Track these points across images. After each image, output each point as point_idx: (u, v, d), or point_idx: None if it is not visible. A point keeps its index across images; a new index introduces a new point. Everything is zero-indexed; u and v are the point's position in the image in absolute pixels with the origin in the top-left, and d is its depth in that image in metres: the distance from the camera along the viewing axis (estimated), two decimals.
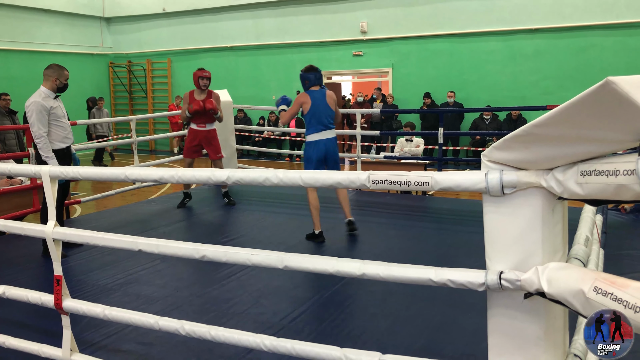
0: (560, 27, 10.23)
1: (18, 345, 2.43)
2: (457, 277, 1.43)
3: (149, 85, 15.33)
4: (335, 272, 1.62)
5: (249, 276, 3.85)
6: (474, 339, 2.86)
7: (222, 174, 1.75)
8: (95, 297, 3.46)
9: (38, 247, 4.43)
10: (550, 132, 1.18)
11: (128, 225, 5.29)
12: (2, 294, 2.40)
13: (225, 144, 7.68)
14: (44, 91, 4.23)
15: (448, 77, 11.34)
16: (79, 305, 2.23)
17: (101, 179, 2.08)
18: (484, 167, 1.38)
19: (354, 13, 12.16)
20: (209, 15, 14.08)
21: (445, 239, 4.77)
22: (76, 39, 14.75)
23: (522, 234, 1.34)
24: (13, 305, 2.92)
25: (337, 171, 1.64)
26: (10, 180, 5.47)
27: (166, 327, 2.03)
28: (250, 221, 5.55)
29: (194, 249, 1.86)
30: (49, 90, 4.25)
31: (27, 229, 2.26)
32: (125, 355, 2.75)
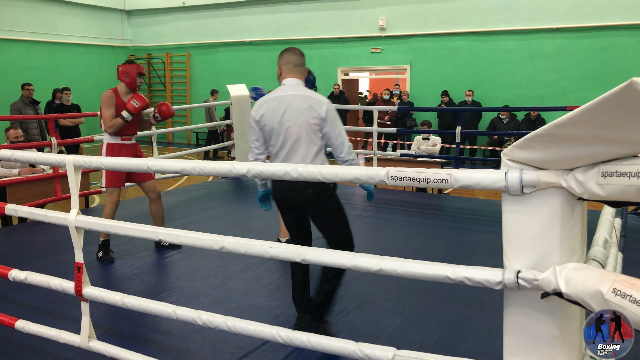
0: (582, 26, 10.08)
1: (37, 330, 2.48)
2: (474, 275, 1.44)
3: (167, 78, 15.45)
4: (352, 267, 1.63)
5: (264, 269, 3.89)
6: (488, 338, 2.87)
7: (242, 166, 1.78)
8: (113, 286, 3.51)
9: (60, 234, 4.50)
10: (571, 132, 1.18)
11: (146, 216, 5.35)
12: (24, 280, 2.45)
13: (243, 138, 7.74)
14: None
15: (466, 75, 11.26)
16: (98, 293, 2.27)
17: (124, 170, 2.12)
18: (503, 165, 1.38)
19: (373, 9, 12.12)
20: (228, 10, 14.13)
21: (460, 237, 4.76)
22: (97, 31, 14.91)
23: (541, 233, 1.34)
24: (32, 291, 2.99)
25: (355, 167, 1.65)
26: (32, 169, 5.57)
27: (183, 317, 2.06)
28: (265, 215, 5.58)
29: (213, 240, 1.89)
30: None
31: (51, 216, 2.31)
32: (141, 343, 2.80)
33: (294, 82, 2.83)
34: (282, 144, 2.74)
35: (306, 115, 2.70)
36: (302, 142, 2.72)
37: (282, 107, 2.72)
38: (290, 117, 2.70)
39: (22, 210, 2.47)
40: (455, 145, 6.85)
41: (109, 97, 4.09)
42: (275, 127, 2.72)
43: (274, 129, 2.73)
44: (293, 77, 2.83)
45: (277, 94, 2.79)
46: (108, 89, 4.16)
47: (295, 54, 2.86)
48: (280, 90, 2.81)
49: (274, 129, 2.74)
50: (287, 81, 2.82)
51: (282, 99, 2.75)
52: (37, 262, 3.99)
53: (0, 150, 2.48)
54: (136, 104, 4.09)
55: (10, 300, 3.33)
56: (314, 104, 2.72)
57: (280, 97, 2.76)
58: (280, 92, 2.79)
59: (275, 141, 2.75)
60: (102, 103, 4.09)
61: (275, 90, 2.83)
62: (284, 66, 2.86)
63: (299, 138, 2.71)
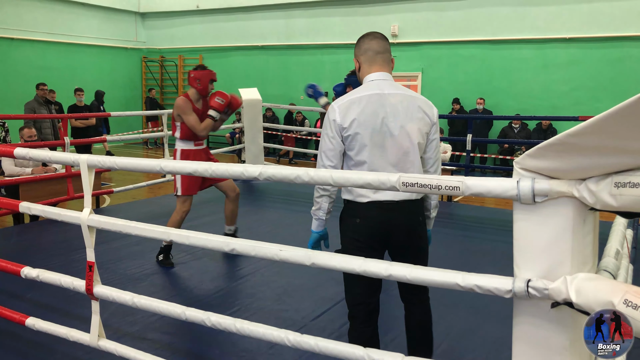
0: (596, 36, 10.03)
1: (47, 328, 2.50)
2: (484, 283, 1.43)
3: (180, 81, 15.56)
4: (362, 272, 1.63)
5: (272, 273, 3.89)
6: (495, 348, 2.85)
7: (254, 169, 1.79)
8: (122, 286, 3.53)
9: (71, 233, 4.54)
10: (585, 142, 1.18)
11: (156, 217, 5.39)
12: (36, 277, 2.48)
13: (254, 142, 7.77)
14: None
15: (478, 83, 11.24)
16: (109, 292, 2.29)
17: (136, 170, 2.14)
18: (515, 174, 1.38)
19: (386, 16, 12.14)
20: (241, 14, 14.22)
21: (470, 246, 4.74)
22: (111, 32, 15.07)
23: (552, 243, 1.34)
24: (42, 288, 3.02)
25: (368, 172, 1.65)
26: (45, 168, 5.63)
27: (192, 318, 2.07)
28: (275, 219, 5.60)
29: (224, 242, 1.90)
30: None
31: (64, 215, 2.34)
32: (150, 343, 2.81)
33: (384, 76, 2.14)
34: (384, 158, 2.06)
35: (418, 122, 2.09)
36: (412, 157, 2.09)
37: (383, 109, 2.06)
38: (397, 122, 2.05)
39: (35, 208, 2.49)
40: (466, 153, 6.83)
41: (187, 103, 3.98)
42: (374, 136, 2.05)
43: (372, 138, 2.05)
44: (380, 70, 2.15)
45: (366, 92, 2.10)
46: (180, 96, 4.06)
47: (375, 39, 2.18)
48: (369, 88, 2.12)
49: (372, 139, 2.05)
50: (373, 76, 2.15)
51: (381, 99, 2.07)
52: (49, 260, 4.03)
53: (16, 149, 2.51)
54: (221, 100, 4.01)
55: (21, 298, 3.37)
56: (423, 105, 2.12)
57: (375, 96, 2.08)
58: (369, 89, 2.11)
59: (369, 154, 2.06)
60: (180, 110, 3.95)
61: (361, 89, 2.14)
62: (362, 56, 2.18)
63: (408, 152, 2.07)
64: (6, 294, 3.41)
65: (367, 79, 2.16)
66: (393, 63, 2.22)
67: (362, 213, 2.09)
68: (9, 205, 2.85)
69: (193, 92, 4.08)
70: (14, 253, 4.30)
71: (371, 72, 2.16)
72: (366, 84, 2.15)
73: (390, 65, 2.19)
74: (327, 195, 2.17)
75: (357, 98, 2.09)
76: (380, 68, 2.15)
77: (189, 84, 4.11)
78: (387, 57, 2.18)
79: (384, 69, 2.16)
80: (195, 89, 4.07)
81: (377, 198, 2.06)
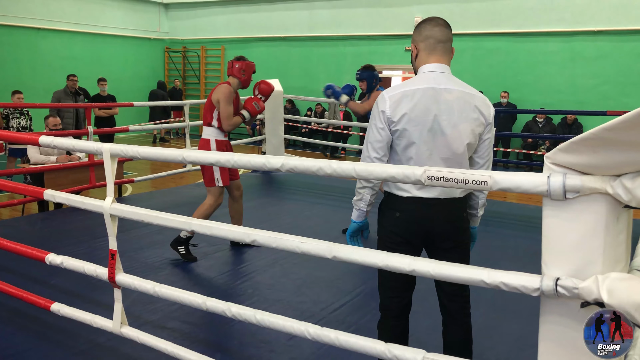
0: (626, 29, 9.76)
1: (72, 314, 2.53)
2: (510, 280, 1.40)
3: (202, 72, 15.64)
4: (385, 267, 1.61)
5: (292, 264, 3.89)
6: (517, 346, 2.81)
7: (276, 160, 1.77)
8: (144, 274, 3.57)
9: (94, 220, 4.59)
10: (621, 137, 1.13)
11: (177, 206, 5.42)
12: (60, 264, 2.51)
13: (274, 133, 7.78)
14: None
15: (502, 76, 11.05)
16: (130, 280, 2.30)
17: (159, 160, 2.14)
18: (546, 169, 1.34)
19: (409, 7, 12.00)
20: (264, 5, 14.21)
21: (492, 241, 4.67)
22: (135, 23, 15.20)
23: (583, 240, 1.30)
24: (65, 275, 3.06)
25: (392, 165, 1.62)
26: (69, 157, 5.71)
27: (213, 308, 2.07)
28: (295, 211, 5.59)
29: (245, 232, 1.89)
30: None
31: (87, 203, 2.35)
32: (170, 332, 2.84)
33: (442, 68, 2.00)
34: (432, 157, 1.95)
35: (472, 122, 1.95)
36: (461, 157, 1.97)
37: (437, 106, 1.92)
38: (450, 121, 1.92)
39: (59, 196, 2.52)
40: None
41: (231, 93, 3.89)
42: (423, 134, 1.93)
43: (421, 136, 1.93)
44: (438, 61, 2.01)
45: (421, 84, 1.96)
46: (224, 83, 3.96)
47: (438, 25, 2.03)
48: (424, 80, 1.97)
49: (421, 137, 1.93)
50: (430, 67, 2.00)
51: (435, 95, 1.93)
52: (72, 247, 4.09)
53: (41, 137, 2.54)
54: (257, 107, 4.00)
55: (46, 284, 3.42)
56: (480, 104, 1.97)
57: (430, 90, 1.94)
58: (423, 82, 1.96)
59: (417, 152, 1.95)
60: (223, 98, 3.84)
61: (416, 80, 2.00)
62: (422, 43, 2.03)
63: (456, 152, 1.95)
64: (31, 279, 3.47)
65: (422, 69, 2.02)
66: (453, 53, 2.07)
67: (403, 207, 2.01)
68: (34, 192, 2.88)
69: (236, 82, 3.98)
70: (39, 239, 4.38)
71: (429, 62, 2.01)
72: (421, 74, 2.01)
73: (450, 56, 2.05)
74: (369, 187, 2.06)
75: (411, 91, 1.95)
76: (439, 59, 2.01)
77: (232, 74, 3.98)
78: (448, 46, 2.04)
79: (442, 60, 2.02)
80: (238, 80, 3.98)
81: (419, 194, 1.98)
